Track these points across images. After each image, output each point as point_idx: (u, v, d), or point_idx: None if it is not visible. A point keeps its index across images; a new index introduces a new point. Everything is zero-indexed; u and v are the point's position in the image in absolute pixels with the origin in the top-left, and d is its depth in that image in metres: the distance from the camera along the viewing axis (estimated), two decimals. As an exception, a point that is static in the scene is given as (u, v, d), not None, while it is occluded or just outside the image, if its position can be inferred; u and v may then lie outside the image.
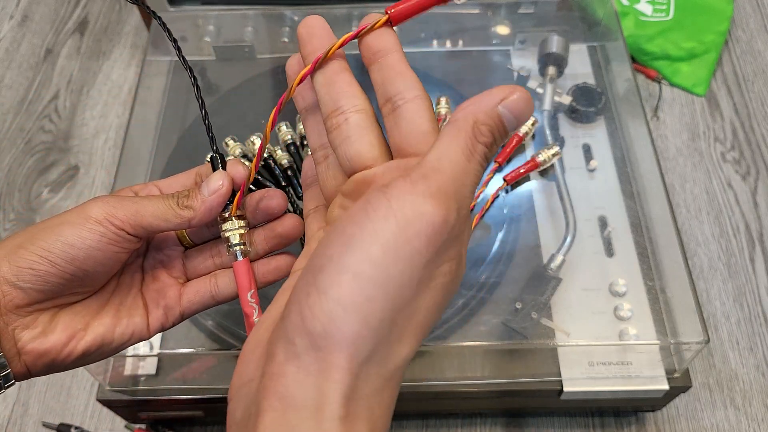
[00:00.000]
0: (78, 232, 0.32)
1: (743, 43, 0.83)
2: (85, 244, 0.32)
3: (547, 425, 0.57)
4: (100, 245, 0.32)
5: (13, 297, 0.32)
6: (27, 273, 0.31)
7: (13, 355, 0.32)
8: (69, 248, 0.32)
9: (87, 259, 0.32)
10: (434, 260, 0.25)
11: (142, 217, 0.33)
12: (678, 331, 0.49)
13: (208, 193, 0.34)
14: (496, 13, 0.68)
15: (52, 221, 0.33)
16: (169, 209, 0.34)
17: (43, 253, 0.32)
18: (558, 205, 0.55)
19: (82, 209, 0.33)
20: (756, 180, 0.71)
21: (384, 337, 0.25)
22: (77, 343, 0.33)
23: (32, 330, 0.32)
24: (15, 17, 0.88)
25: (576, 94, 0.61)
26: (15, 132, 0.77)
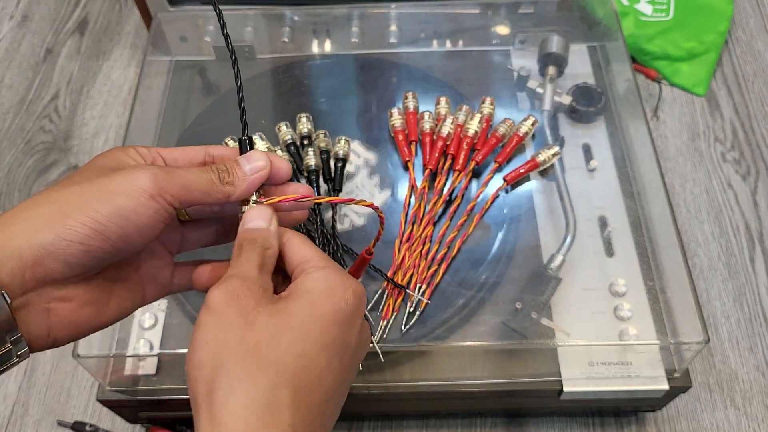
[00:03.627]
0: (133, 207, 0.30)
1: (743, 43, 0.83)
2: (140, 221, 0.30)
3: (547, 425, 0.57)
4: (153, 221, 0.31)
5: (55, 271, 0.29)
6: (76, 248, 0.29)
7: (42, 331, 0.30)
8: (124, 223, 0.30)
9: (138, 234, 0.31)
10: None
11: (188, 192, 0.32)
12: (678, 331, 0.49)
13: (251, 171, 0.34)
14: (496, 13, 0.68)
15: (100, 185, 0.30)
16: (212, 184, 0.33)
17: (97, 227, 0.29)
18: (558, 205, 0.55)
19: (131, 179, 0.30)
20: (756, 180, 0.71)
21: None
22: (104, 314, 0.33)
23: (68, 303, 0.31)
24: (15, 17, 0.88)
25: (576, 94, 0.61)
26: (15, 132, 0.77)
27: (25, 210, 0.30)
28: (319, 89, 0.65)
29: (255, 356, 0.28)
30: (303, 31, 0.68)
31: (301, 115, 0.59)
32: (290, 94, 0.64)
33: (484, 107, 0.59)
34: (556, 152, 0.56)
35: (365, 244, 0.53)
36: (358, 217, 0.55)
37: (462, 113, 0.58)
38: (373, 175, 0.58)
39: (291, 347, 0.29)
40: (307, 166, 0.55)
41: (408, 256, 0.51)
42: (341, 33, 0.68)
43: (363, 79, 0.66)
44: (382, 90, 0.64)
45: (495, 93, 0.62)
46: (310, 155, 0.55)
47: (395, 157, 0.59)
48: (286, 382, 0.28)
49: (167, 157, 0.35)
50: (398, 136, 0.58)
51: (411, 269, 0.51)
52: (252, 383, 0.27)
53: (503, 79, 0.65)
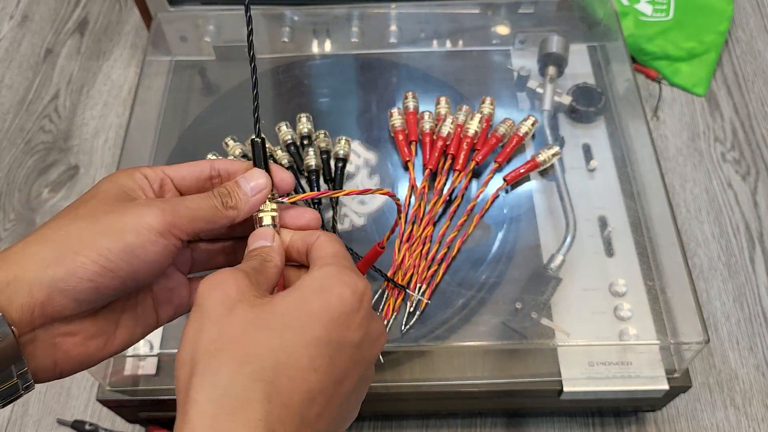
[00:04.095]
0: (142, 244, 0.30)
1: (743, 43, 0.83)
2: (149, 257, 0.31)
3: (547, 425, 0.57)
4: (162, 257, 0.31)
5: (64, 307, 0.30)
6: (86, 285, 0.29)
7: (48, 365, 0.31)
8: (133, 260, 0.30)
9: (146, 270, 0.31)
10: None
11: (195, 222, 0.32)
12: (678, 331, 0.49)
13: (252, 191, 0.34)
14: (496, 13, 0.68)
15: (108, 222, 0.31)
16: (216, 211, 0.33)
17: (107, 264, 0.30)
18: (558, 205, 0.55)
19: (139, 216, 0.31)
20: (756, 180, 0.71)
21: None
22: (111, 345, 0.33)
23: (75, 338, 0.31)
24: (15, 17, 0.88)
25: (576, 94, 0.61)
26: (15, 132, 0.77)
27: (34, 244, 0.30)
28: (319, 89, 0.65)
29: (229, 349, 0.28)
30: (303, 31, 0.68)
31: (301, 115, 0.59)
32: (290, 94, 0.64)
33: (484, 107, 0.59)
34: (556, 152, 0.56)
35: (365, 244, 0.53)
36: (358, 218, 0.55)
37: (462, 113, 0.58)
38: (373, 175, 0.58)
39: (268, 341, 0.28)
40: (307, 166, 0.55)
41: (408, 256, 0.51)
42: (341, 33, 0.68)
43: (363, 79, 0.66)
44: (382, 90, 0.64)
45: (495, 93, 0.62)
46: (310, 155, 0.55)
47: (395, 157, 0.59)
48: (259, 376, 0.27)
49: (174, 176, 0.35)
50: (398, 136, 0.58)
51: (411, 269, 0.51)
52: (222, 377, 0.27)
53: (503, 79, 0.65)
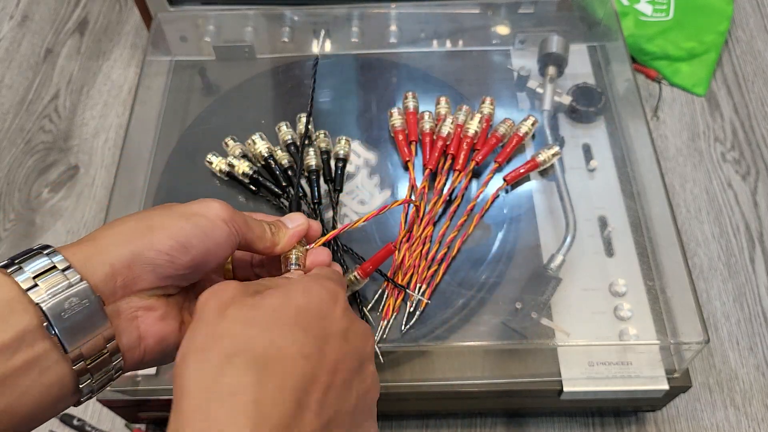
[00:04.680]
0: (212, 227, 0.34)
1: (743, 43, 0.83)
2: (217, 240, 0.34)
3: (547, 425, 0.57)
4: (226, 243, 0.35)
5: (142, 279, 0.32)
6: (163, 258, 0.32)
7: (134, 340, 0.33)
8: (205, 239, 0.34)
9: (214, 252, 0.34)
10: None
11: (249, 230, 0.37)
12: (678, 331, 0.49)
13: (293, 227, 0.40)
14: (496, 13, 0.68)
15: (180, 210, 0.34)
16: (265, 232, 0.39)
17: (182, 240, 0.33)
18: (558, 205, 0.55)
19: (207, 205, 0.35)
20: (756, 180, 0.71)
21: None
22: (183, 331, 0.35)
23: (153, 312, 0.33)
24: (15, 17, 0.88)
25: (576, 94, 0.61)
26: (15, 132, 0.77)
27: (114, 227, 0.33)
28: (319, 89, 0.65)
29: (219, 344, 0.29)
30: (303, 31, 0.68)
31: (301, 115, 0.59)
32: (290, 94, 0.64)
33: (484, 107, 0.59)
34: (556, 152, 0.56)
35: (365, 245, 0.53)
36: (358, 217, 0.55)
37: (462, 113, 0.58)
38: (373, 175, 0.58)
39: (257, 335, 0.29)
40: (307, 166, 0.55)
41: (408, 256, 0.51)
42: (341, 33, 0.68)
43: (363, 79, 0.66)
44: (382, 90, 0.64)
45: (495, 93, 0.62)
46: (310, 155, 0.55)
47: (395, 157, 0.59)
48: (250, 364, 0.28)
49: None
50: (398, 136, 0.58)
51: (411, 269, 0.51)
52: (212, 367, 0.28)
53: (503, 79, 0.65)
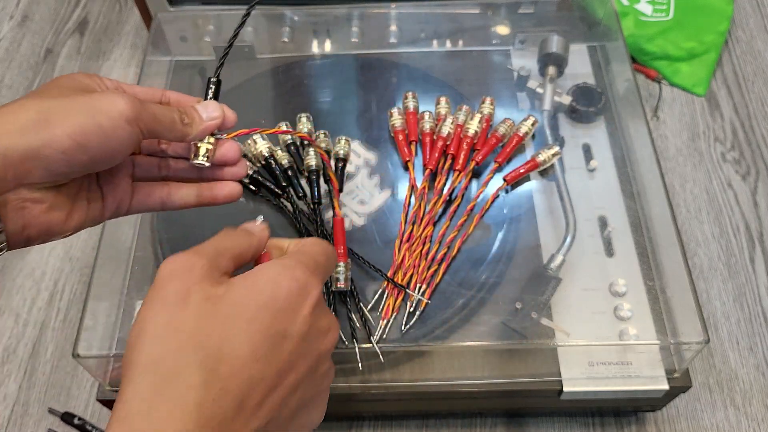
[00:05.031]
0: (113, 127, 0.33)
1: (743, 43, 0.83)
2: (117, 141, 0.33)
3: (547, 425, 0.57)
4: (127, 143, 0.34)
5: (35, 175, 0.32)
6: (59, 156, 0.32)
7: (18, 228, 0.33)
8: (104, 140, 0.33)
9: (113, 153, 0.34)
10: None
11: (156, 124, 0.36)
12: (678, 331, 0.49)
13: (207, 118, 0.39)
14: (496, 13, 0.68)
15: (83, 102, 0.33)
16: (174, 122, 0.37)
17: (80, 139, 0.32)
18: (558, 205, 0.55)
19: (112, 101, 0.33)
20: (756, 180, 0.71)
21: None
22: (70, 221, 0.36)
23: (40, 205, 0.34)
24: (15, 17, 0.88)
25: (576, 94, 0.61)
26: (15, 132, 0.77)
27: (11, 113, 0.32)
28: (319, 89, 0.64)
29: (175, 337, 0.28)
30: (303, 31, 0.68)
31: (301, 115, 0.59)
32: (290, 94, 0.64)
33: (484, 107, 0.59)
34: (556, 152, 0.56)
35: (365, 244, 0.53)
36: (358, 217, 0.55)
37: (462, 113, 0.58)
38: (373, 175, 0.58)
39: (214, 330, 0.29)
40: (307, 166, 0.55)
41: (408, 256, 0.51)
42: (341, 33, 0.68)
43: (363, 79, 0.66)
44: (382, 90, 0.64)
45: (495, 93, 0.62)
46: (310, 155, 0.55)
47: (395, 157, 0.59)
48: (200, 363, 0.28)
49: (128, 90, 0.39)
50: (398, 136, 0.58)
51: (411, 269, 0.51)
52: (164, 362, 0.28)
53: (503, 79, 0.64)
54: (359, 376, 0.49)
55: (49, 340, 0.63)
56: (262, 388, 0.29)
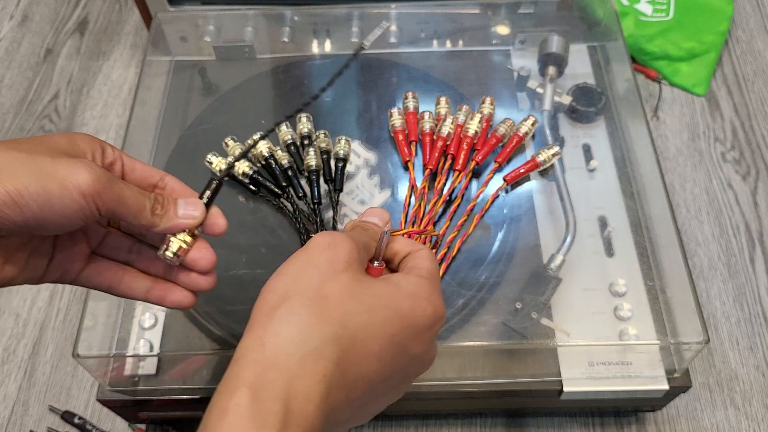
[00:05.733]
0: (61, 197, 0.30)
1: (743, 43, 0.83)
2: (62, 211, 0.31)
3: (547, 425, 0.57)
4: (75, 217, 0.31)
5: None
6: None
7: None
8: (46, 207, 0.30)
9: (55, 222, 0.31)
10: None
11: (120, 206, 0.33)
12: (678, 331, 0.49)
13: (182, 216, 0.35)
14: (496, 13, 0.68)
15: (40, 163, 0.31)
16: (142, 210, 0.34)
17: (18, 198, 0.30)
18: (558, 205, 0.55)
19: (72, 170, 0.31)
20: (756, 180, 0.71)
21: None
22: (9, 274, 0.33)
23: None
24: (15, 17, 0.88)
25: (576, 94, 0.61)
26: (15, 132, 0.77)
27: None
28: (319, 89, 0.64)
29: (322, 305, 0.30)
30: (303, 31, 0.68)
31: (301, 115, 0.59)
32: (290, 94, 0.64)
33: (484, 107, 0.59)
34: (556, 152, 0.56)
35: (365, 244, 0.53)
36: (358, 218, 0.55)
37: (462, 113, 0.58)
38: (373, 175, 0.58)
39: (356, 315, 0.30)
40: (307, 166, 0.55)
41: (408, 256, 0.51)
42: (341, 33, 0.68)
43: (363, 79, 0.66)
44: (382, 90, 0.64)
45: (495, 93, 0.62)
46: (310, 155, 0.55)
47: (395, 157, 0.59)
48: (337, 340, 0.29)
49: (126, 164, 0.36)
50: (398, 136, 0.58)
51: (411, 269, 0.51)
52: (308, 326, 0.29)
53: (503, 79, 0.64)
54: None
55: (49, 340, 0.63)
56: (366, 387, 0.30)
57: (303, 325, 0.29)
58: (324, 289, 0.30)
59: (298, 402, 0.27)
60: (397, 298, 0.32)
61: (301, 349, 0.28)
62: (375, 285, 0.32)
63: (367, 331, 0.30)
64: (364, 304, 0.31)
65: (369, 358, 0.30)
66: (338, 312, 0.30)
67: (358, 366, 0.30)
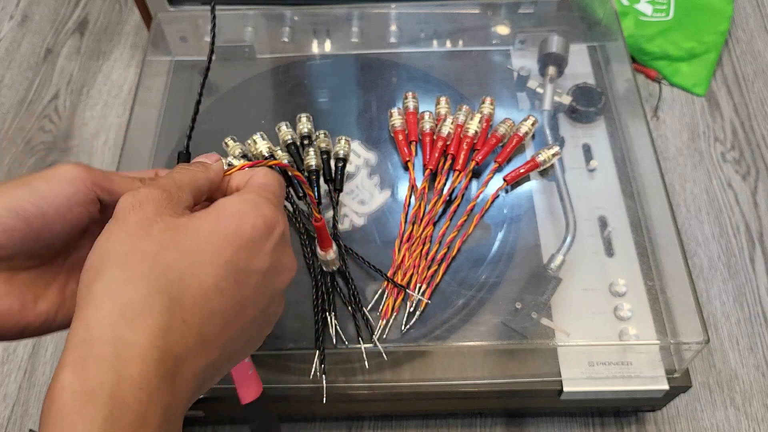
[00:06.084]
0: (50, 187, 0.32)
1: (743, 43, 0.83)
2: (56, 201, 0.32)
3: (547, 425, 0.57)
4: (71, 204, 0.32)
5: None
6: None
7: None
8: (40, 201, 0.31)
9: (55, 217, 0.32)
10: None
11: (112, 183, 0.34)
12: (678, 331, 0.49)
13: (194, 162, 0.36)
14: (496, 13, 0.68)
15: (22, 178, 0.32)
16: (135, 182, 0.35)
17: (13, 206, 0.31)
18: (558, 205, 0.55)
19: (55, 168, 0.33)
20: (756, 180, 0.71)
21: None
22: (25, 313, 0.33)
23: None
24: (15, 17, 0.88)
25: (576, 94, 0.61)
26: (15, 132, 0.77)
27: None
28: (319, 89, 0.65)
29: (137, 266, 0.28)
30: (303, 31, 0.68)
31: (301, 115, 0.59)
32: (290, 94, 0.64)
33: (484, 107, 0.59)
34: (556, 152, 0.56)
35: (365, 244, 0.53)
36: (358, 218, 0.55)
37: (462, 113, 0.58)
38: (373, 175, 0.58)
39: (178, 262, 0.28)
40: (307, 166, 0.55)
41: (408, 256, 0.51)
42: (341, 33, 0.68)
43: (363, 79, 0.66)
44: (382, 90, 0.64)
45: (495, 93, 0.62)
46: (310, 155, 0.55)
47: (395, 157, 0.59)
48: (162, 290, 0.27)
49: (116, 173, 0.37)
50: (398, 136, 0.58)
51: (411, 269, 0.51)
52: (128, 290, 0.27)
53: (503, 79, 0.65)
54: (359, 376, 0.49)
55: (49, 340, 0.63)
56: (222, 321, 0.29)
57: (122, 292, 0.27)
58: (136, 251, 0.28)
59: (135, 365, 0.25)
60: (219, 224, 0.30)
61: (125, 314, 0.26)
62: (192, 223, 0.30)
63: (195, 269, 0.28)
64: (183, 248, 0.29)
65: (208, 293, 0.28)
66: (157, 267, 0.28)
67: (198, 307, 0.28)
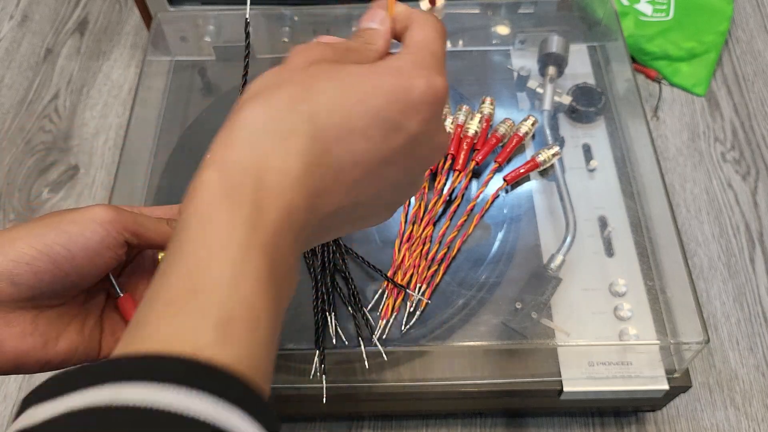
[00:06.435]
0: (80, 231, 0.32)
1: (743, 43, 0.83)
2: (87, 244, 0.33)
3: (547, 425, 0.57)
4: (100, 248, 0.33)
5: (2, 291, 0.31)
6: (23, 268, 0.31)
7: None
8: (70, 245, 0.32)
9: (84, 260, 0.33)
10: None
11: (141, 226, 0.35)
12: (678, 331, 0.49)
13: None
14: (496, 13, 0.68)
15: (52, 218, 0.33)
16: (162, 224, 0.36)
17: (42, 248, 0.31)
18: (558, 205, 0.55)
19: (85, 210, 0.34)
20: (756, 180, 0.71)
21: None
22: (50, 349, 0.33)
23: (12, 328, 0.32)
24: (15, 17, 0.88)
25: (576, 94, 0.61)
26: (15, 132, 0.77)
27: None
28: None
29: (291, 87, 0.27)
30: (303, 31, 0.68)
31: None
32: (290, 94, 0.64)
33: (484, 107, 0.59)
34: (556, 152, 0.56)
35: (365, 244, 0.53)
36: (358, 217, 0.55)
37: (462, 113, 0.58)
38: (373, 175, 0.58)
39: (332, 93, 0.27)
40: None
41: (408, 256, 0.51)
42: (341, 33, 0.68)
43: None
44: (382, 90, 0.64)
45: (495, 93, 0.62)
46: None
47: (395, 157, 0.59)
48: (311, 117, 0.26)
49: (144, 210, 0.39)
50: (398, 136, 0.58)
51: (411, 269, 0.51)
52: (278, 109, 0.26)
53: (503, 79, 0.64)
54: (359, 376, 0.49)
55: (49, 340, 0.63)
56: (360, 170, 0.27)
57: (271, 108, 0.26)
58: (294, 78, 0.27)
59: (273, 175, 0.25)
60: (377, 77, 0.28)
61: (269, 128, 0.25)
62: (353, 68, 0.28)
63: (347, 108, 0.27)
64: (340, 82, 0.27)
65: (353, 135, 0.27)
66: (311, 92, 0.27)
67: (342, 143, 0.26)
